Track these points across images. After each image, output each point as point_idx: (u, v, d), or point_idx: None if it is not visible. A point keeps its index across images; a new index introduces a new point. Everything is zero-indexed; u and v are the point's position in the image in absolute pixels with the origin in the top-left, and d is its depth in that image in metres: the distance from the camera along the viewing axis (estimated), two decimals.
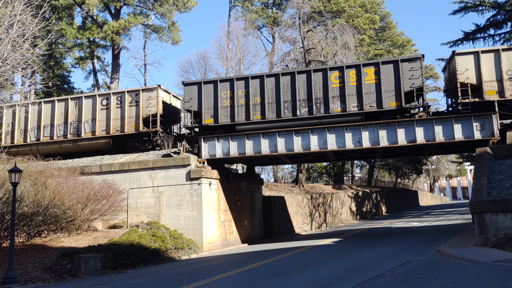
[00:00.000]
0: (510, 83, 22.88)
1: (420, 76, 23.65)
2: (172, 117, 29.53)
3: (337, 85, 24.77)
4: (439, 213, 46.53)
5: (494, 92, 22.91)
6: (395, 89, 23.81)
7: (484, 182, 18.55)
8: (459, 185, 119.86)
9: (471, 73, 23.40)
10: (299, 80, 25.42)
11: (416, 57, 24.04)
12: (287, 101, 25.45)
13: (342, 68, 25.01)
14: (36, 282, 15.65)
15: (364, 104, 24.02)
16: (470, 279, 11.04)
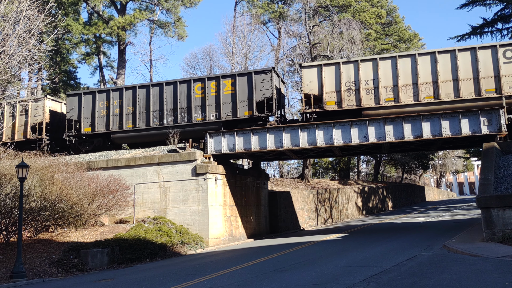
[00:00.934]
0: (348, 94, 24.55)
1: (270, 87, 25.89)
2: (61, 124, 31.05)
3: (199, 96, 27.43)
4: (446, 209, 46.36)
5: (333, 103, 25.15)
6: (248, 99, 26.38)
7: (491, 177, 18.44)
8: (466, 181, 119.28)
9: (314, 84, 25.49)
10: (167, 91, 27.86)
11: (267, 70, 26.38)
12: (156, 111, 28.12)
13: (204, 79, 27.50)
14: (43, 277, 15.78)
15: (222, 113, 26.74)
16: (477, 275, 11.00)
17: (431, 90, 23.91)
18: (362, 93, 24.68)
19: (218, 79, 26.96)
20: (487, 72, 23.38)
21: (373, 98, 24.60)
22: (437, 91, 23.81)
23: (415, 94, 24.04)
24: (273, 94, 25.70)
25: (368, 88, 24.67)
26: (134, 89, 28.43)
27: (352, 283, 10.91)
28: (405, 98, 24.19)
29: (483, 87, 23.26)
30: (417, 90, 24.05)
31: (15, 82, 28.34)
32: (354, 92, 24.83)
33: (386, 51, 49.66)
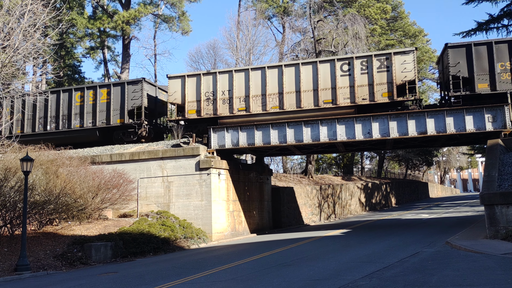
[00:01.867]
0: None
1: (140, 97, 28.18)
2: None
3: (79, 104, 29.39)
4: (449, 205, 46.28)
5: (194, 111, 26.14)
6: (121, 108, 28.47)
7: (495, 174, 18.39)
8: (470, 177, 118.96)
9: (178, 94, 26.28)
10: (52, 99, 30.08)
11: (138, 80, 28.51)
12: (41, 117, 30.28)
13: (83, 88, 29.64)
14: (47, 270, 15.90)
15: (98, 120, 28.90)
16: (479, 271, 11.00)
17: (277, 101, 25.36)
18: (219, 103, 26.06)
19: (95, 88, 29.33)
20: (326, 84, 24.88)
21: (227, 108, 25.93)
22: (282, 102, 25.17)
23: (264, 104, 25.46)
24: (143, 103, 27.80)
25: (224, 98, 26.07)
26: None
27: (354, 279, 10.93)
28: (255, 108, 25.53)
29: (321, 98, 24.73)
30: (265, 101, 25.47)
31: (19, 76, 28.42)
32: (212, 101, 26.22)
33: (391, 46, 49.42)
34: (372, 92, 23.78)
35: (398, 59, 23.65)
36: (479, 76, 22.90)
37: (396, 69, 23.49)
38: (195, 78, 26.52)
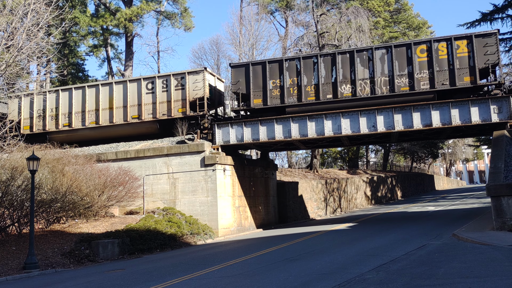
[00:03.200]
0: None
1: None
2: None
3: None
4: (456, 197, 46.14)
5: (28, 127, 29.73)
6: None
7: (502, 165, 18.30)
8: (476, 169, 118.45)
9: None
10: None
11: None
12: None
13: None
14: (55, 267, 16.02)
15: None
16: (486, 263, 10.97)
17: (94, 116, 28.85)
18: (47, 119, 29.69)
19: None
20: (134, 101, 27.93)
21: (54, 123, 29.57)
22: (99, 117, 28.55)
23: (83, 120, 29.11)
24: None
25: (52, 114, 29.69)
26: None
27: (361, 272, 10.94)
28: (76, 123, 29.14)
29: (129, 113, 27.84)
30: (84, 116, 29.10)
31: (24, 76, 28.52)
32: (42, 118, 29.89)
33: (395, 39, 49.16)
34: None
35: None
36: None
37: None
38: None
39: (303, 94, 24.84)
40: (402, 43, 24.36)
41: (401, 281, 9.63)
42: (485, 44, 22.71)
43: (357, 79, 24.16)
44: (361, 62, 24.30)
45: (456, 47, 23.02)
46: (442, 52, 23.30)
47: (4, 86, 22.83)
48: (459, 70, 22.82)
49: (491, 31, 23.03)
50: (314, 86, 24.85)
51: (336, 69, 24.54)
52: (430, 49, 23.38)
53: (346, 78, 24.43)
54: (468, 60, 22.82)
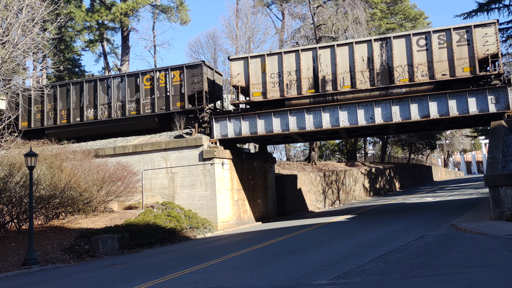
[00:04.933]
0: None
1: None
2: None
3: None
4: (454, 188, 46.31)
5: None
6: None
7: (499, 155, 18.36)
8: (474, 160, 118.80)
9: None
10: None
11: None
12: None
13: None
14: (56, 263, 16.05)
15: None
16: (485, 253, 11.04)
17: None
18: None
19: None
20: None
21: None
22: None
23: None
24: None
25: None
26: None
27: (360, 264, 11.00)
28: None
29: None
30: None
31: (20, 72, 28.38)
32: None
33: (392, 30, 49.06)
34: None
35: None
36: None
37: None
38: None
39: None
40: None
41: (400, 272, 9.69)
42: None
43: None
44: None
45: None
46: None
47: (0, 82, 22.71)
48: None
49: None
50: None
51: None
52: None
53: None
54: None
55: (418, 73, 23.37)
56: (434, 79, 23.04)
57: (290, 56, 25.38)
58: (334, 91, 24.51)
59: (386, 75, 24.01)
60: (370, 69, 24.28)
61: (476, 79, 23.01)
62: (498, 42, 22.64)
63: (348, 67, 24.54)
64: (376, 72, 24.09)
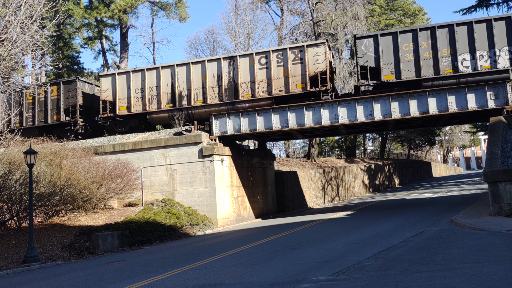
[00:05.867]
0: None
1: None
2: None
3: None
4: (453, 184, 46.39)
5: None
6: None
7: (498, 151, 18.38)
8: (473, 155, 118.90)
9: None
10: None
11: None
12: None
13: None
14: (56, 260, 16.08)
15: None
16: (484, 249, 11.07)
17: None
18: None
19: None
20: None
21: None
22: None
23: None
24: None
25: None
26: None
27: (360, 260, 11.03)
28: None
29: None
30: None
31: (19, 69, 28.35)
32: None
33: (391, 26, 49.00)
34: None
35: None
36: None
37: None
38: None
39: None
40: None
41: (399, 268, 9.72)
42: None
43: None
44: None
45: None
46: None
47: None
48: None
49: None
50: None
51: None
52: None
53: None
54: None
55: (259, 89, 25.87)
56: (272, 95, 25.42)
57: (152, 73, 27.70)
58: (189, 105, 26.86)
59: (233, 91, 26.35)
60: (219, 85, 26.66)
61: (308, 95, 25.11)
62: (327, 60, 24.36)
63: (201, 83, 26.87)
64: (224, 88, 26.51)
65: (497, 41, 22.89)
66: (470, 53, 23.23)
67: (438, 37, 23.64)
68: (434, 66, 23.69)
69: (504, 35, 22.93)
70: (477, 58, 23.13)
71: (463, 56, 23.26)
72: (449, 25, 23.69)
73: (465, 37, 23.33)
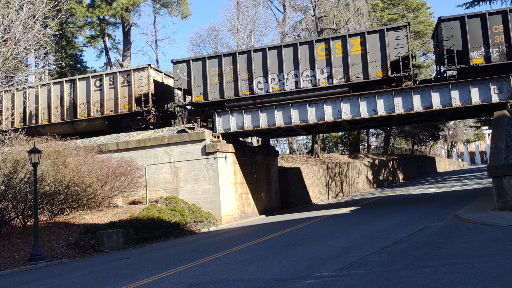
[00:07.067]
0: None
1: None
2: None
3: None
4: (457, 179, 46.26)
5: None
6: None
7: (502, 145, 18.32)
8: (477, 150, 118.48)
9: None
10: None
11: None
12: None
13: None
14: (61, 258, 16.16)
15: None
16: (489, 243, 11.05)
17: None
18: None
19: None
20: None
21: None
22: None
23: None
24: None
25: None
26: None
27: (364, 255, 11.03)
28: None
29: None
30: None
31: (22, 68, 28.43)
32: None
33: (394, 21, 48.80)
34: None
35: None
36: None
37: None
38: None
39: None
40: None
41: (403, 263, 9.72)
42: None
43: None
44: None
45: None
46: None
47: (3, 79, 22.79)
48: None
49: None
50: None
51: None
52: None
53: None
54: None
55: (94, 109, 28.62)
56: (104, 115, 28.31)
57: None
58: (37, 124, 29.67)
59: (72, 111, 29.18)
60: (62, 105, 29.51)
61: (134, 114, 28.16)
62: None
63: (47, 104, 29.73)
64: (66, 108, 29.39)
65: None
66: None
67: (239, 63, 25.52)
68: (235, 88, 25.74)
69: None
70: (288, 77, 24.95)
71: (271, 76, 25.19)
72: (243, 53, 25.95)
73: None
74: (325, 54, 24.45)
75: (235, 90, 25.60)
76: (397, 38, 23.53)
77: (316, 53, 24.59)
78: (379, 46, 23.75)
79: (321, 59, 24.50)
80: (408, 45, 23.39)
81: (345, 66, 24.06)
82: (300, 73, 24.71)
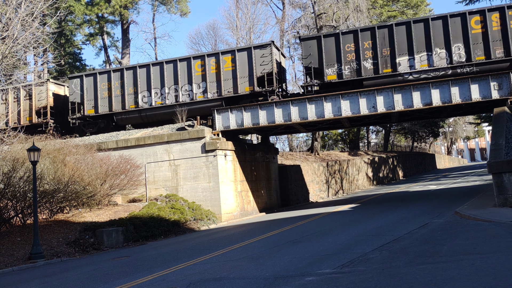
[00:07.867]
0: None
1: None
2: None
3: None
4: (457, 176, 46.25)
5: None
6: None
7: (503, 142, 18.28)
8: (477, 147, 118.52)
9: None
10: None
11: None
12: None
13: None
14: (61, 257, 16.14)
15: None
16: (489, 240, 11.03)
17: None
18: None
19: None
20: None
21: None
22: None
23: None
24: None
25: None
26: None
27: (364, 252, 11.01)
28: None
29: None
30: None
31: (21, 67, 28.36)
32: None
33: (393, 18, 48.68)
34: None
35: None
36: None
37: None
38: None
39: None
40: None
41: (404, 260, 9.69)
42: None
43: None
44: None
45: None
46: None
47: (1, 77, 22.73)
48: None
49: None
50: None
51: None
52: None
53: None
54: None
55: None
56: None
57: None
58: None
59: None
60: None
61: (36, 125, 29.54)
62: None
63: None
64: None
65: None
66: None
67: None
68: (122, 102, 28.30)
69: None
70: None
71: None
72: None
73: None
74: (201, 70, 26.69)
75: (123, 103, 28.10)
76: (262, 55, 25.44)
77: (193, 69, 26.72)
78: (247, 63, 25.70)
79: (198, 75, 26.69)
80: (272, 62, 25.17)
81: (218, 81, 26.11)
82: (179, 88, 26.93)
